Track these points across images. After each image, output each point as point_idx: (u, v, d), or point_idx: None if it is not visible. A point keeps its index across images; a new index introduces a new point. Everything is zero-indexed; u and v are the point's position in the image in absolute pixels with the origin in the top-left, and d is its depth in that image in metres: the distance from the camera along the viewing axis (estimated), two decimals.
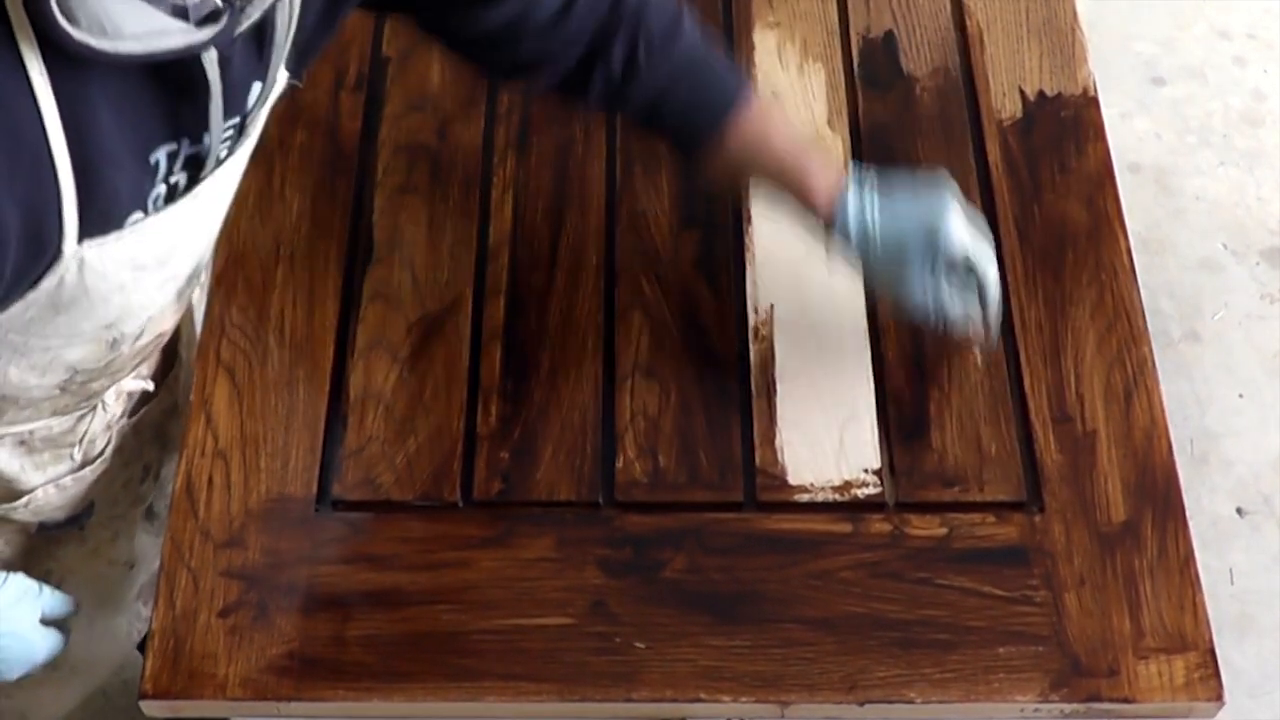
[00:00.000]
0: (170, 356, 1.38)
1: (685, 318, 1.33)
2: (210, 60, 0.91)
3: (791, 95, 1.48)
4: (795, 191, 1.22)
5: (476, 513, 1.23)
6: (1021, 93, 1.48)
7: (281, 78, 1.06)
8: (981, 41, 1.52)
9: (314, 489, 1.24)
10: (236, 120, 1.01)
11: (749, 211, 1.39)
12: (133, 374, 1.28)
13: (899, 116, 1.46)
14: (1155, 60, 2.61)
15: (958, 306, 1.22)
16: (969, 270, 1.20)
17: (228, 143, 1.02)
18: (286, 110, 1.45)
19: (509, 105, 1.46)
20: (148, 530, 1.45)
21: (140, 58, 0.85)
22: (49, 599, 1.18)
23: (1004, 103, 1.47)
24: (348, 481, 1.24)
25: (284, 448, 1.26)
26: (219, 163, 1.03)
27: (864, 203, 1.20)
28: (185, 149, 0.98)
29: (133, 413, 1.34)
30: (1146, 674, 1.15)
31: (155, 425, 1.38)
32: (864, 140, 1.44)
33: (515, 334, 1.32)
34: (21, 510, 1.29)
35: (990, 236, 1.23)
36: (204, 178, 1.02)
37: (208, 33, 0.86)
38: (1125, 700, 1.14)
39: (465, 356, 1.31)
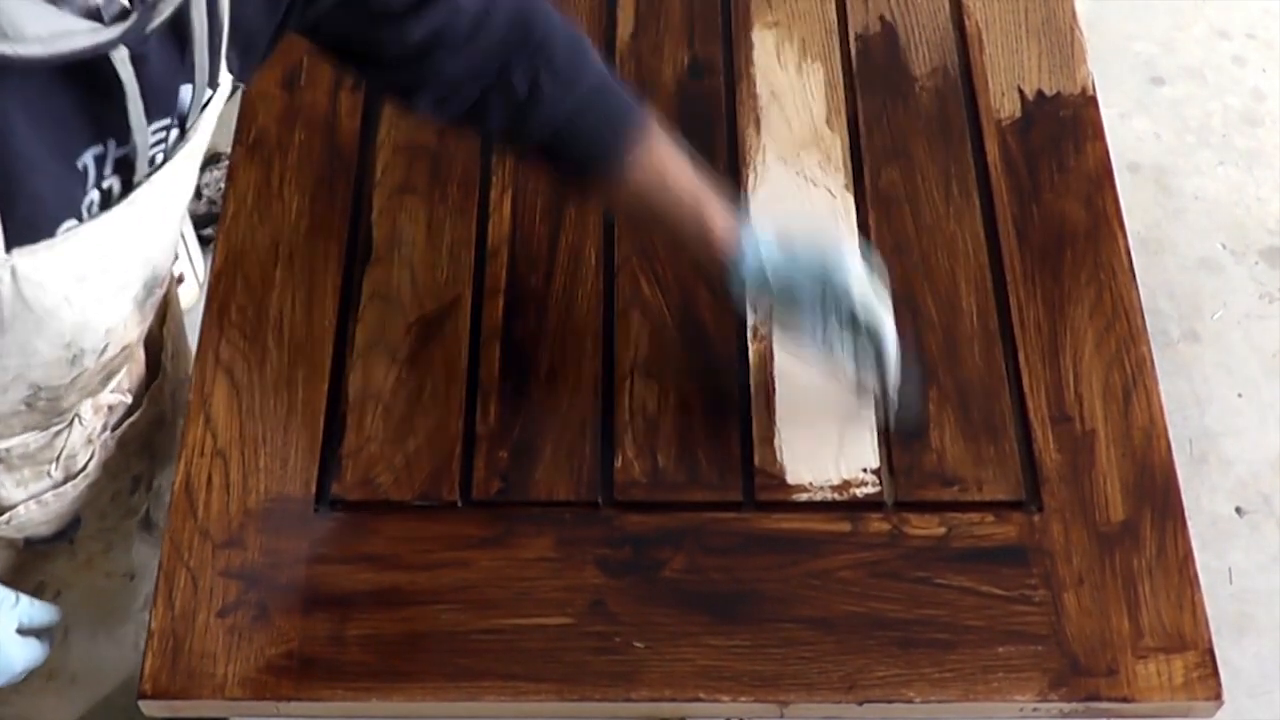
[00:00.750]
0: (154, 367, 1.37)
1: (684, 317, 1.33)
2: (121, 59, 0.90)
3: (790, 95, 1.48)
4: (693, 232, 1.20)
5: (475, 512, 1.23)
6: (1020, 92, 1.48)
7: (226, 81, 1.04)
8: (980, 41, 1.52)
9: (313, 489, 1.24)
10: (168, 122, 1.00)
11: (748, 211, 1.39)
12: (109, 388, 1.27)
13: (898, 116, 1.46)
14: (1154, 60, 2.61)
15: (850, 362, 1.20)
16: (869, 332, 1.18)
17: (161, 146, 1.01)
18: (286, 110, 1.45)
19: None
20: (146, 541, 1.44)
21: (44, 60, 0.83)
22: (27, 608, 1.17)
23: (1003, 102, 1.47)
24: (347, 481, 1.24)
25: (283, 447, 1.26)
26: (155, 166, 1.01)
27: (761, 246, 1.18)
28: (113, 151, 0.96)
29: (115, 426, 1.32)
30: (1145, 673, 1.15)
31: (141, 437, 1.36)
32: (862, 140, 1.44)
33: (514, 334, 1.32)
34: (3, 527, 1.28)
35: (889, 305, 1.19)
36: (139, 183, 1.00)
37: (115, 31, 0.85)
38: (1124, 700, 1.14)
39: (464, 356, 1.31)
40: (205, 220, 2.07)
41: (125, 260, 1.06)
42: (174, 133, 1.01)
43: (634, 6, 1.54)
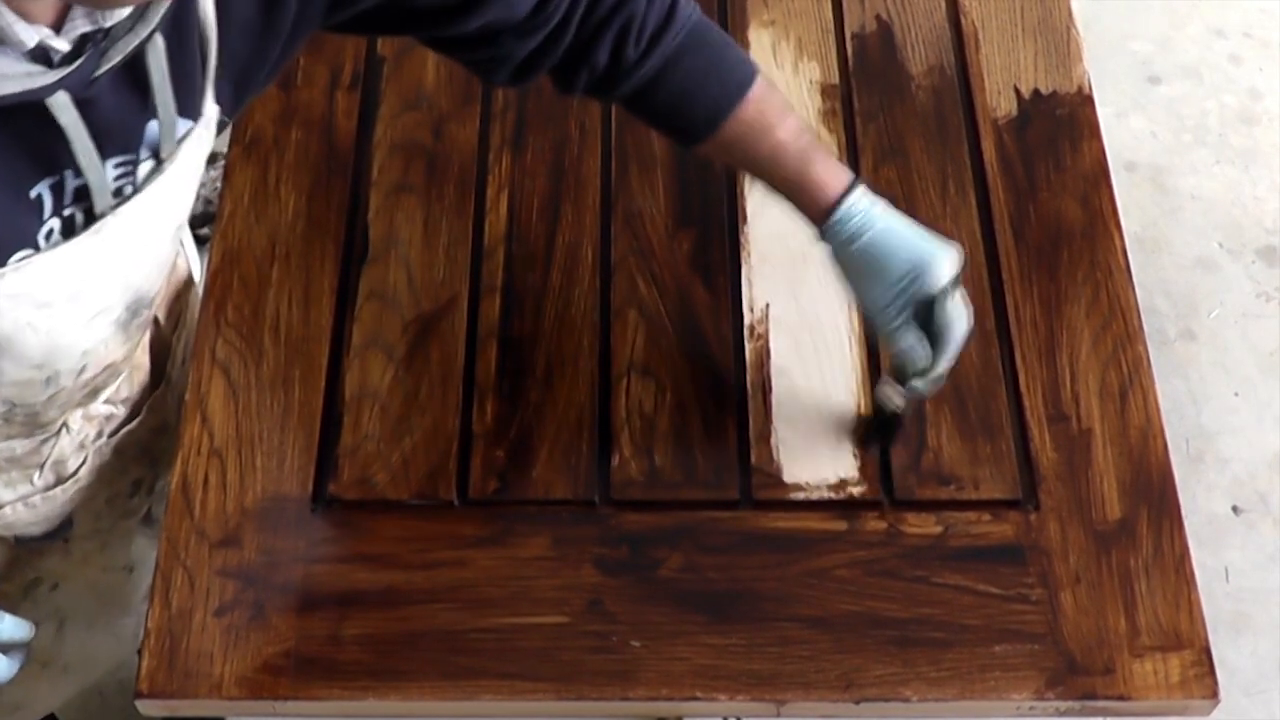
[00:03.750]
0: (158, 376, 1.37)
1: (681, 316, 1.33)
2: (61, 104, 0.88)
3: (786, 93, 1.48)
4: (793, 178, 1.16)
5: (473, 511, 1.23)
6: (1017, 91, 1.48)
7: (212, 112, 1.03)
8: (976, 40, 1.52)
9: (310, 488, 1.24)
10: (131, 157, 0.98)
11: (744, 210, 1.39)
12: (100, 400, 1.26)
13: (894, 115, 1.46)
14: (1151, 59, 2.61)
15: (906, 342, 1.16)
16: (933, 326, 1.15)
17: (129, 179, 0.99)
18: (282, 109, 1.45)
19: (504, 104, 1.46)
20: (147, 534, 1.44)
21: None
22: (1, 624, 1.17)
23: (999, 101, 1.47)
24: (343, 480, 1.24)
25: (280, 447, 1.25)
26: (124, 198, 0.99)
27: (867, 206, 1.15)
28: (71, 180, 0.95)
29: (113, 433, 1.32)
30: (1142, 672, 1.15)
31: (141, 445, 1.36)
32: (859, 139, 1.44)
33: (511, 333, 1.32)
34: None
35: (972, 323, 1.17)
36: (103, 213, 0.99)
37: (52, 77, 0.84)
38: (1121, 698, 1.14)
39: (461, 355, 1.31)
40: (202, 220, 2.07)
41: (99, 287, 1.05)
42: (145, 165, 1.00)
43: None
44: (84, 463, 1.29)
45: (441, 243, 1.37)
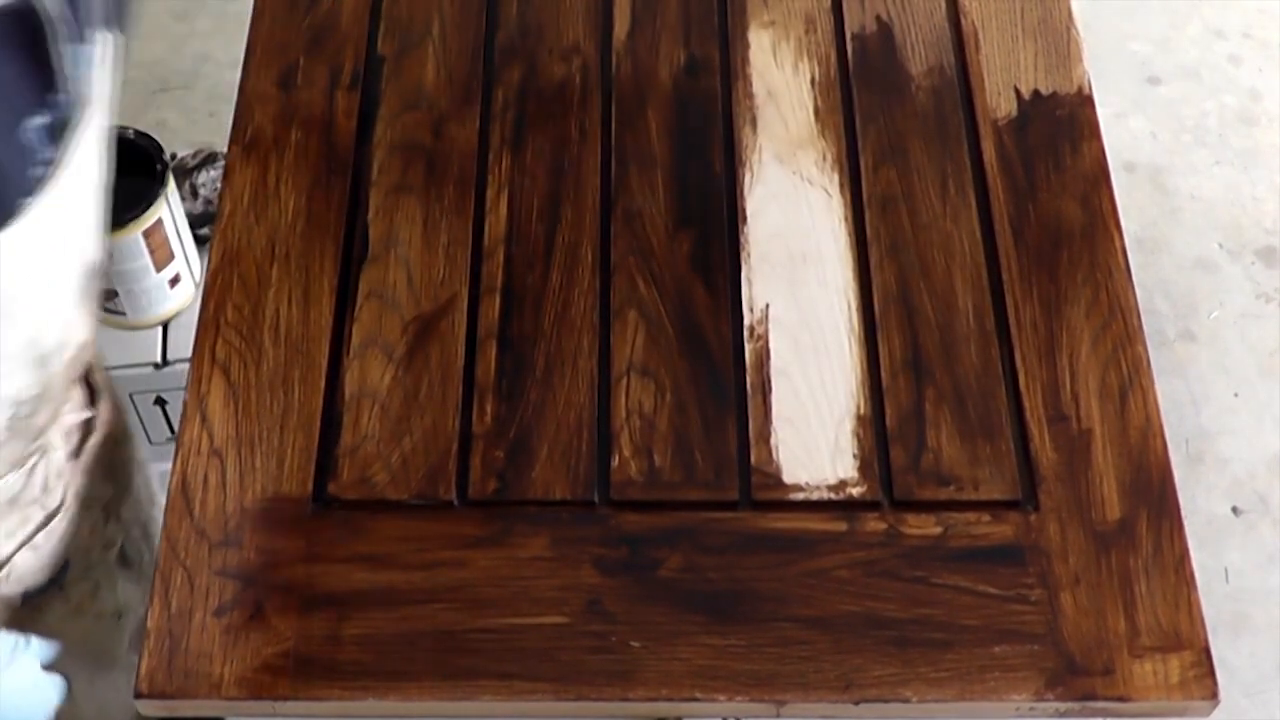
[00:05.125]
0: (91, 386, 1.35)
1: (681, 316, 1.33)
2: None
3: (786, 94, 1.48)
4: None
5: (472, 512, 1.23)
6: (1016, 92, 1.48)
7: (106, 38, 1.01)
8: (976, 40, 1.52)
9: (309, 488, 1.24)
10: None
11: (744, 210, 1.39)
12: (68, 405, 1.26)
13: (894, 115, 1.46)
14: (1150, 59, 2.61)
15: None
16: None
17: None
18: (282, 109, 1.45)
19: (504, 104, 1.47)
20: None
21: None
22: (38, 647, 1.16)
23: (999, 101, 1.47)
24: (343, 480, 1.24)
25: (279, 447, 1.25)
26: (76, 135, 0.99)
27: None
28: (44, 120, 0.94)
29: (77, 453, 1.31)
30: (1141, 673, 1.15)
31: (102, 462, 1.35)
32: (858, 139, 1.44)
33: (510, 333, 1.32)
34: (3, 584, 1.27)
35: None
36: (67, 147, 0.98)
37: None
38: (1120, 699, 1.14)
39: (460, 355, 1.31)
40: (202, 220, 2.07)
41: (65, 240, 1.05)
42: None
43: (630, 5, 1.54)
44: (66, 490, 1.29)
45: (441, 243, 1.37)
